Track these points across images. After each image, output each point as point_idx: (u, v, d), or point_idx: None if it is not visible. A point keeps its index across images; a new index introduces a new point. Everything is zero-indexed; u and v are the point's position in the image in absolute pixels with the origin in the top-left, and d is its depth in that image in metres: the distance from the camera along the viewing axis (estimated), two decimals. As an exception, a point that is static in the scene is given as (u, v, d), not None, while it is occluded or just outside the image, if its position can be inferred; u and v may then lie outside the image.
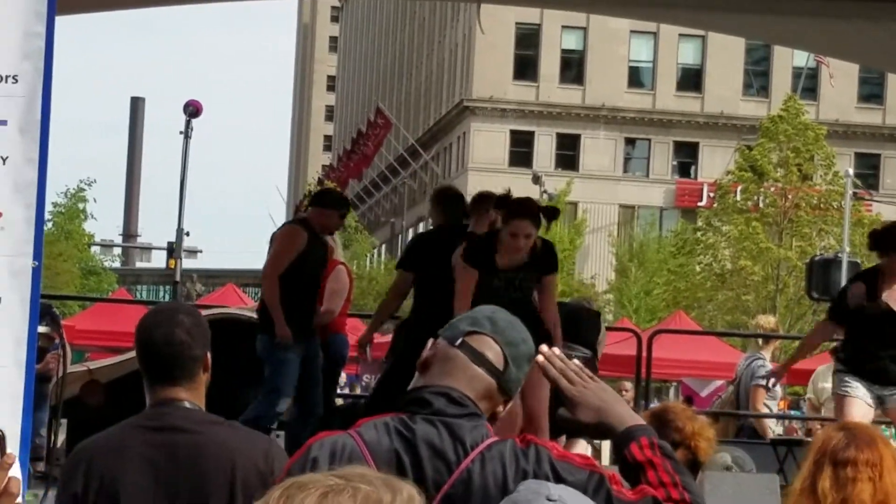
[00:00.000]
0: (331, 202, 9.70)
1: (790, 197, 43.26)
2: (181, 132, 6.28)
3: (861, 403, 8.46)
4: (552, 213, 8.57)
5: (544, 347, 3.16)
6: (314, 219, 9.45)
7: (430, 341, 3.17)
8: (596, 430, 3.10)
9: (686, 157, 61.78)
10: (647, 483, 3.01)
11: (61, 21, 4.58)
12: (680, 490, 3.00)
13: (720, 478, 5.17)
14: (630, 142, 61.98)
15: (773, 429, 13.30)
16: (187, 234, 6.61)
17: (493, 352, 3.10)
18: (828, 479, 3.73)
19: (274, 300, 8.97)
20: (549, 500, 2.64)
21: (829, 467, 3.75)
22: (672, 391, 31.18)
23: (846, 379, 8.55)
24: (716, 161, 56.42)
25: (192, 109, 6.39)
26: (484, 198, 9.44)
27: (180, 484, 3.93)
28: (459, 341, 3.11)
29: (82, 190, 53.53)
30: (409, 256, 9.57)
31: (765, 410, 12.75)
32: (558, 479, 2.94)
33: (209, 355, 4.07)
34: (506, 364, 3.10)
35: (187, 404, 4.01)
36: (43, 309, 10.67)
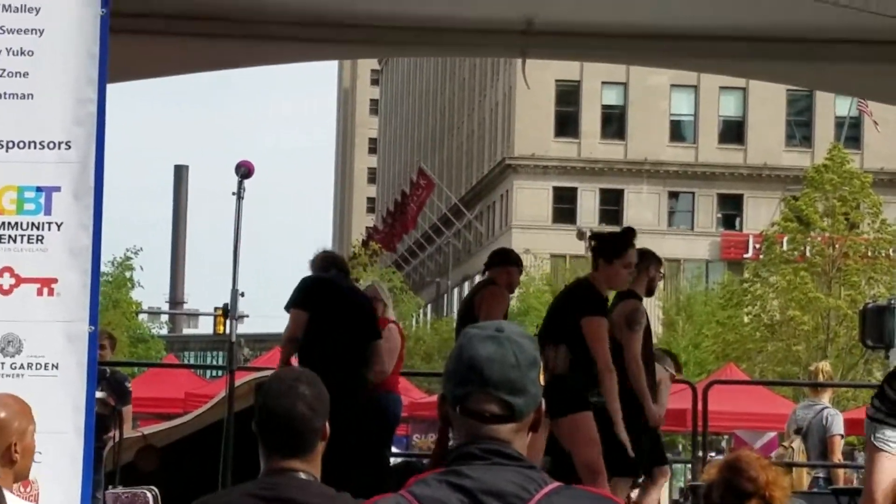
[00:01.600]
0: (514, 259, 9.85)
1: (837, 246, 43.02)
2: (234, 193, 6.28)
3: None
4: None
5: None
6: (499, 277, 9.53)
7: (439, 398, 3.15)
8: None
9: (730, 209, 61.63)
10: None
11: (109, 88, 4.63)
12: None
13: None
14: (674, 195, 61.91)
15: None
16: (242, 294, 6.59)
17: (491, 404, 3.03)
18: None
19: None
20: None
21: None
22: (724, 444, 30.91)
23: (883, 430, 8.08)
24: (760, 212, 56.24)
25: (245, 170, 6.39)
26: (645, 255, 9.52)
27: None
28: (459, 407, 3.05)
29: (129, 258, 53.87)
30: None
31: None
32: None
33: (328, 425, 4.07)
34: (509, 406, 3.03)
35: (302, 475, 3.99)
36: (100, 374, 10.72)
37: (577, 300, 8.65)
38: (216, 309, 42.23)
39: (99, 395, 9.86)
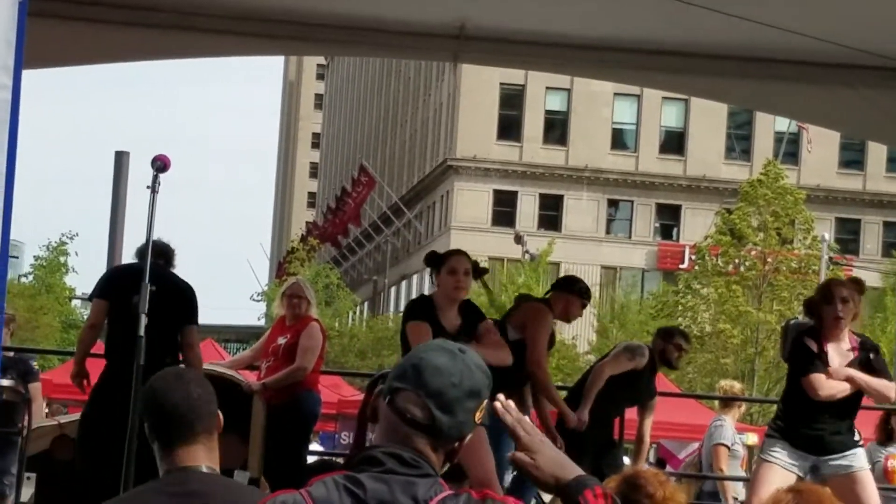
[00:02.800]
0: (579, 290, 9.60)
1: (770, 261, 43.39)
2: (148, 186, 6.27)
3: (780, 471, 7.99)
4: (481, 271, 8.39)
5: (500, 396, 3.15)
6: (557, 303, 9.39)
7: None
8: (550, 480, 3.10)
9: (668, 219, 62.00)
10: None
11: (41, 74, 4.60)
12: None
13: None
14: (613, 203, 62.19)
15: (738, 491, 13.15)
16: (153, 289, 6.58)
17: (417, 408, 3.07)
18: None
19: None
20: None
21: None
22: (651, 453, 31.11)
23: (776, 446, 8.11)
24: (698, 223, 56.62)
25: (160, 164, 6.37)
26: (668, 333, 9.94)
27: None
28: (388, 399, 3.10)
29: (64, 244, 53.57)
30: None
31: (728, 472, 12.60)
32: None
33: (220, 414, 4.09)
34: (431, 417, 3.06)
35: (205, 468, 4.00)
36: (10, 362, 10.62)
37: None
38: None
39: (6, 382, 9.84)
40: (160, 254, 8.84)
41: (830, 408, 8.09)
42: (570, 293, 9.46)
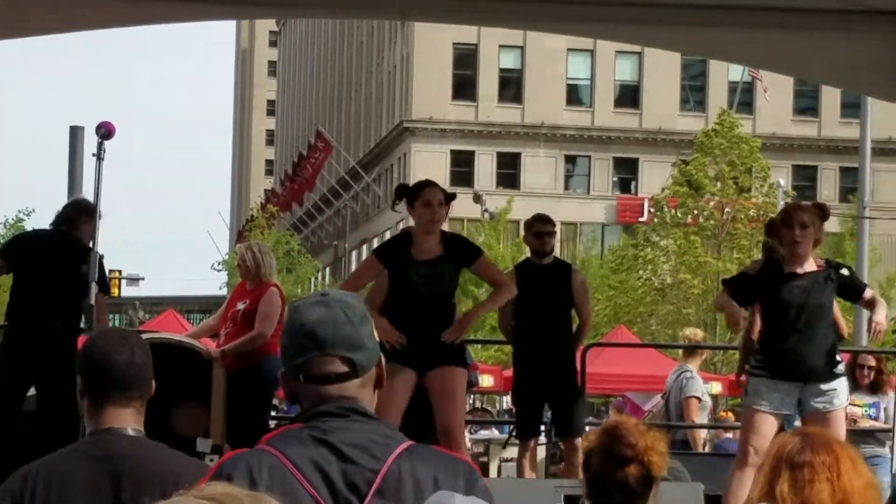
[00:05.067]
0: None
1: (728, 210, 43.54)
2: (94, 154, 6.21)
3: (768, 417, 7.99)
4: (451, 196, 8.64)
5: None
6: None
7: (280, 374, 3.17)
8: None
9: (626, 173, 62.13)
10: None
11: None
12: None
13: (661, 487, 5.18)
14: (570, 159, 62.26)
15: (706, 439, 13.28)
16: (102, 257, 6.55)
17: (334, 364, 3.07)
18: (786, 483, 3.74)
19: None
20: None
21: (786, 472, 3.76)
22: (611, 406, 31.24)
23: (760, 388, 8.07)
24: (655, 176, 56.76)
25: (105, 131, 6.32)
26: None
27: None
28: (301, 377, 3.08)
29: (21, 220, 53.21)
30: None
31: (699, 422, 12.75)
32: (475, 487, 2.98)
33: (154, 384, 4.08)
34: (351, 362, 3.07)
35: (131, 431, 3.96)
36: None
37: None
38: (111, 272, 41.87)
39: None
40: (64, 220, 9.00)
41: (805, 333, 8.10)
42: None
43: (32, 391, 9.05)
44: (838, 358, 8.29)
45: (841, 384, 8.18)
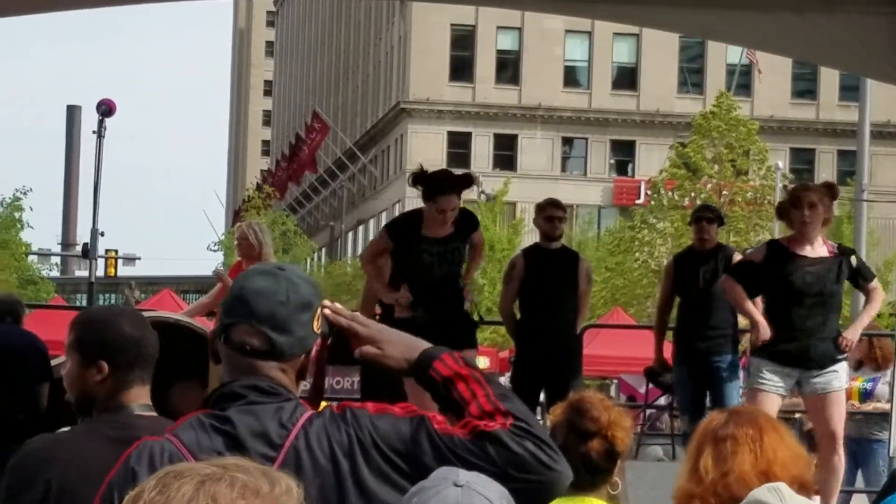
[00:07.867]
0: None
1: (725, 192, 43.54)
2: (94, 131, 6.21)
3: (770, 397, 8.04)
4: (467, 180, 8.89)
5: (326, 302, 3.07)
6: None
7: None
8: (403, 364, 3.06)
9: (623, 155, 62.10)
10: (459, 396, 3.00)
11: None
12: (491, 400, 2.98)
13: (645, 468, 5.21)
14: (567, 141, 62.21)
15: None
16: (102, 234, 6.55)
17: (254, 337, 3.02)
18: (709, 457, 3.75)
19: None
20: (457, 484, 2.66)
21: (709, 446, 3.77)
22: (613, 389, 31.30)
23: (763, 370, 8.14)
24: (653, 159, 56.75)
25: (105, 108, 6.31)
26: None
27: None
28: (223, 338, 3.04)
29: (18, 199, 53.14)
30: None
31: None
32: (378, 432, 2.94)
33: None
34: (270, 341, 3.01)
35: (147, 411, 3.93)
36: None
37: None
38: (107, 251, 41.72)
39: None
40: (8, 312, 8.83)
41: (817, 321, 8.14)
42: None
43: None
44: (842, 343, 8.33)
45: (842, 367, 8.25)
